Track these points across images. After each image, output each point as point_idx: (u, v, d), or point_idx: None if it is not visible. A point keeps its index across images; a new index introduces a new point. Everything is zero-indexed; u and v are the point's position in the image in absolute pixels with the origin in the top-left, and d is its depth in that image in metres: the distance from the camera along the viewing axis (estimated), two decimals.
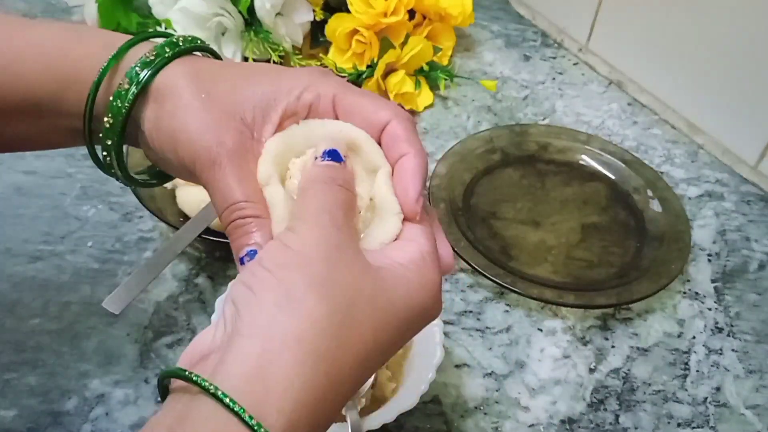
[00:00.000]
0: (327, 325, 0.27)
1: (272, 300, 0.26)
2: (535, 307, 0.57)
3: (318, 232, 0.28)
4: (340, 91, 0.33)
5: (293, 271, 0.27)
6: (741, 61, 0.67)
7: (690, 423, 0.51)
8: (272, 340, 0.26)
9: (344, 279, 0.28)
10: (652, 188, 0.66)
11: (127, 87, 0.32)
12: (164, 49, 0.33)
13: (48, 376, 0.50)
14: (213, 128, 0.31)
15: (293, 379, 0.26)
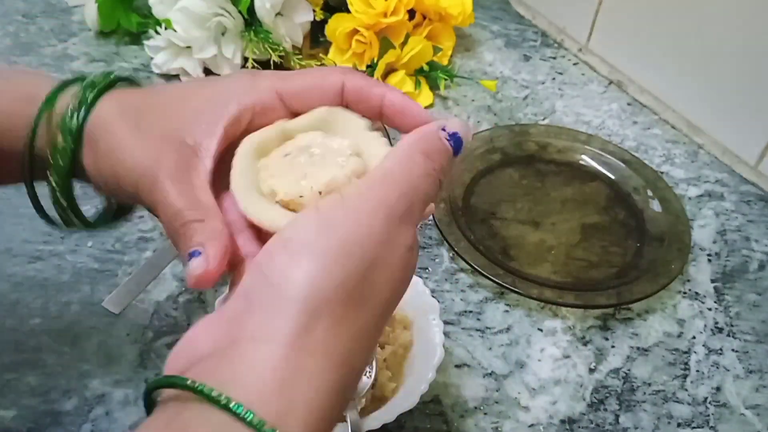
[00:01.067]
0: (350, 326, 0.26)
1: (295, 299, 0.25)
2: (535, 307, 0.57)
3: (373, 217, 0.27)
4: (276, 81, 0.33)
5: (317, 261, 0.25)
6: (741, 61, 0.67)
7: (690, 423, 0.51)
8: (298, 346, 0.24)
9: (374, 277, 0.26)
10: (652, 188, 0.66)
11: (62, 143, 0.32)
12: (85, 93, 0.33)
13: (48, 376, 0.50)
14: (148, 155, 0.31)
15: (318, 388, 0.24)
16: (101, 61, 0.78)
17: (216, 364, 0.25)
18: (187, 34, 0.72)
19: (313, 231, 0.26)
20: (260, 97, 0.32)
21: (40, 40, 0.81)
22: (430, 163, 0.29)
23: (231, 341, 0.25)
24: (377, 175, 0.28)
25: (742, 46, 0.66)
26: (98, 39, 0.82)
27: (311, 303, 0.25)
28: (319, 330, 0.25)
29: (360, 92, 0.32)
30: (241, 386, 0.23)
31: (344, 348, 0.25)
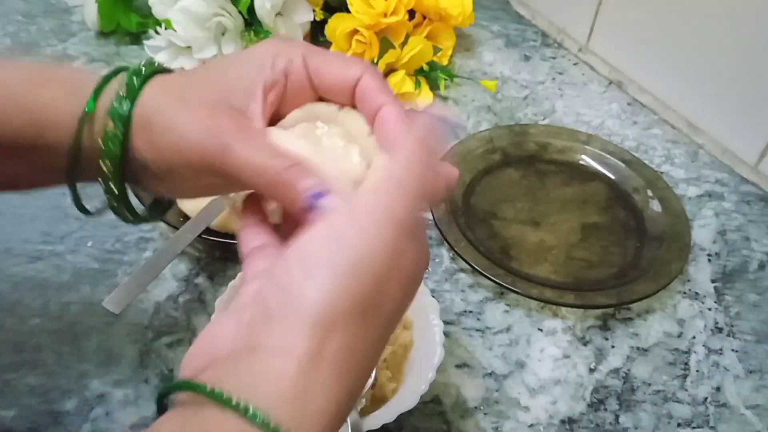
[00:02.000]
0: (362, 338, 0.27)
1: (310, 314, 0.26)
2: (535, 307, 0.57)
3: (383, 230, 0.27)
4: (308, 52, 0.34)
5: (332, 276, 0.26)
6: (741, 61, 0.67)
7: (690, 423, 0.51)
8: (311, 358, 0.25)
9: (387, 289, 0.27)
10: (652, 188, 0.66)
11: (113, 129, 0.32)
12: (132, 80, 0.33)
13: (48, 376, 0.50)
14: (208, 123, 0.32)
15: (330, 397, 0.25)
16: (101, 61, 0.78)
17: (234, 369, 0.26)
18: (187, 34, 0.72)
19: (327, 248, 0.27)
20: (291, 61, 0.33)
21: (40, 40, 0.81)
22: (429, 157, 0.29)
23: (249, 348, 0.26)
24: (379, 181, 0.29)
25: (743, 46, 0.66)
26: (98, 39, 0.82)
27: (326, 318, 0.26)
28: (332, 344, 0.26)
29: (368, 92, 0.32)
30: (258, 394, 0.24)
31: (355, 359, 0.27)
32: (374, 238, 0.27)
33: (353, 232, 0.27)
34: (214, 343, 0.28)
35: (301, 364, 0.25)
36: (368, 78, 0.32)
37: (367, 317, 0.27)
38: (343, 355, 0.26)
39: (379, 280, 0.27)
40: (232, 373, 0.26)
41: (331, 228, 0.27)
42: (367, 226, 0.27)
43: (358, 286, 0.26)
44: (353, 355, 0.26)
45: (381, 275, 0.27)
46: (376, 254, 0.27)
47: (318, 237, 0.27)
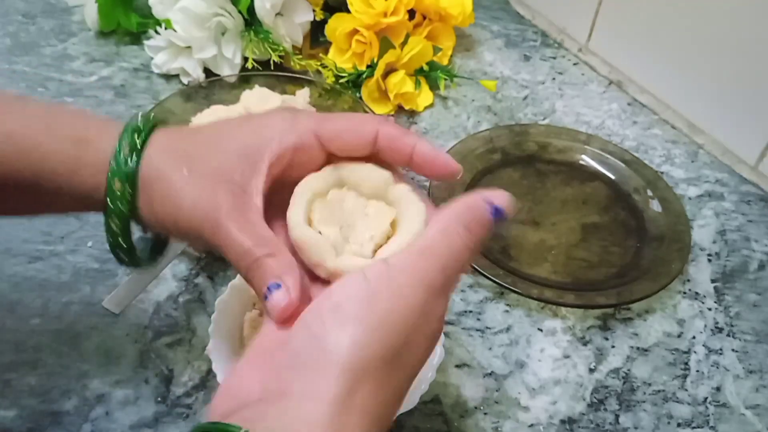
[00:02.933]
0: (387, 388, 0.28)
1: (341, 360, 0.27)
2: (535, 307, 0.57)
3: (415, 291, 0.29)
4: (318, 126, 0.34)
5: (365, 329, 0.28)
6: (741, 60, 0.67)
7: (690, 423, 0.51)
8: (343, 406, 0.26)
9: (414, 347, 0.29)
10: (652, 188, 0.66)
11: (122, 189, 0.34)
12: (133, 138, 0.34)
13: (48, 376, 0.50)
14: (205, 198, 0.33)
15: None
16: (101, 61, 0.78)
17: (265, 413, 0.27)
18: (187, 34, 0.72)
19: (361, 301, 0.28)
20: (300, 137, 0.34)
21: (40, 40, 0.81)
22: (471, 237, 0.31)
23: (280, 393, 0.27)
24: (421, 246, 0.30)
25: (743, 46, 0.66)
26: (98, 39, 0.82)
27: (356, 368, 0.27)
28: (361, 392, 0.27)
29: (392, 141, 0.34)
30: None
31: (382, 406, 0.28)
32: (405, 298, 0.29)
33: (387, 289, 0.29)
34: (241, 388, 0.29)
35: (332, 409, 0.26)
36: (386, 129, 0.34)
37: (393, 368, 0.28)
38: (371, 402, 0.27)
39: (407, 335, 0.28)
40: (264, 416, 0.27)
41: (367, 282, 0.29)
42: (402, 286, 0.29)
43: (387, 339, 0.28)
44: (380, 402, 0.28)
45: (408, 332, 0.29)
46: (407, 314, 0.28)
47: (353, 290, 0.29)
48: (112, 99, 0.74)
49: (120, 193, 0.34)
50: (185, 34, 0.72)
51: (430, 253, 0.30)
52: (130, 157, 0.33)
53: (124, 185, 0.33)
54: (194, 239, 0.34)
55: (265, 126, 0.35)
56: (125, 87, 0.75)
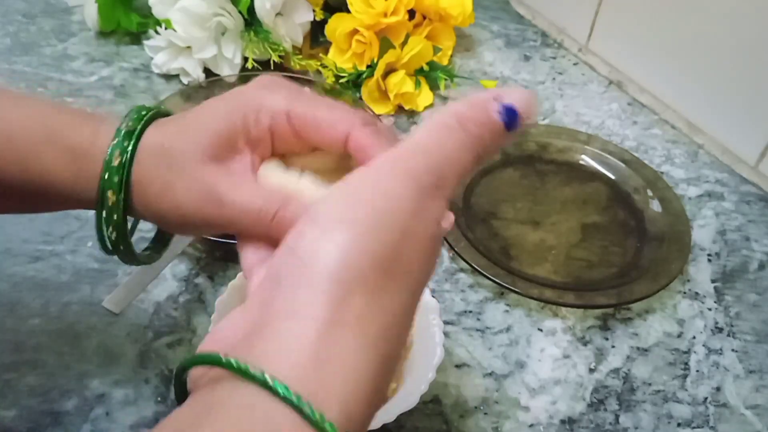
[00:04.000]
0: (385, 300, 0.24)
1: (327, 272, 0.24)
2: (535, 307, 0.57)
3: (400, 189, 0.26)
4: (291, 105, 0.33)
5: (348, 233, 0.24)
6: (741, 61, 0.67)
7: (690, 423, 0.51)
8: (331, 322, 0.23)
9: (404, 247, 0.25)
10: (652, 188, 0.66)
11: (114, 199, 0.34)
12: (124, 145, 0.34)
13: (48, 376, 0.50)
14: (198, 183, 0.33)
15: (356, 365, 0.23)
16: (101, 61, 0.78)
17: (248, 344, 0.24)
18: (187, 34, 0.72)
19: (343, 204, 0.25)
20: (274, 118, 0.33)
21: (40, 40, 0.81)
22: (465, 135, 0.27)
23: (262, 322, 0.24)
24: (406, 145, 0.27)
25: (742, 46, 0.66)
26: (98, 39, 0.82)
27: (344, 275, 0.24)
28: (353, 304, 0.23)
29: (361, 150, 0.31)
30: (274, 362, 0.22)
31: (381, 323, 0.24)
32: (391, 195, 0.25)
33: (371, 189, 0.26)
34: (226, 333, 0.26)
35: (319, 327, 0.23)
36: (359, 136, 0.31)
37: (389, 276, 0.25)
38: (368, 317, 0.24)
39: (401, 236, 0.25)
40: (247, 347, 0.24)
41: (347, 187, 0.26)
42: (387, 183, 0.26)
43: (378, 242, 0.24)
44: (380, 317, 0.24)
45: (401, 232, 0.25)
46: (396, 212, 0.25)
47: (333, 197, 0.26)
48: (112, 99, 0.74)
49: (113, 203, 0.34)
50: (185, 34, 0.72)
51: (415, 150, 0.27)
52: (121, 167, 0.33)
53: (117, 196, 0.34)
54: (202, 227, 0.34)
55: (240, 103, 0.34)
56: (125, 87, 0.75)
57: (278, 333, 0.23)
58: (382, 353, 0.24)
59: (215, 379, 0.23)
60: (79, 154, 0.34)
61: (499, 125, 0.28)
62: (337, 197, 0.26)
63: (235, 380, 0.23)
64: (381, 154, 0.27)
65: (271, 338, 0.23)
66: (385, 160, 0.27)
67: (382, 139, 0.31)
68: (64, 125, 0.35)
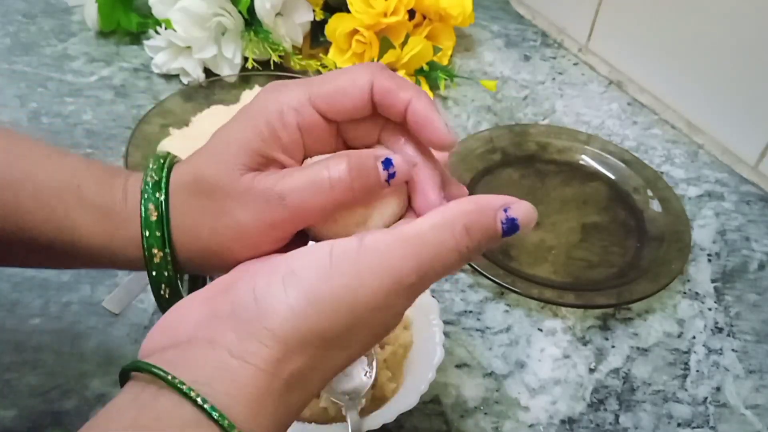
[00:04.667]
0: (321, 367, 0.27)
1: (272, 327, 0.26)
2: (535, 307, 0.57)
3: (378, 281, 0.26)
4: (310, 89, 0.31)
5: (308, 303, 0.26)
6: (741, 61, 0.67)
7: (690, 423, 0.51)
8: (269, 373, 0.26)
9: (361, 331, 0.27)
10: (652, 188, 0.66)
11: (162, 255, 0.32)
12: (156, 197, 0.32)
13: (48, 376, 0.50)
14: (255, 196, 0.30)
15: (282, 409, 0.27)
16: (101, 61, 0.78)
17: (190, 359, 0.26)
18: (187, 34, 0.72)
19: (316, 271, 0.26)
20: (298, 111, 0.31)
21: (40, 40, 0.81)
22: (468, 241, 0.28)
23: (209, 341, 0.26)
24: (404, 233, 0.27)
25: (742, 46, 0.66)
26: (98, 39, 0.82)
27: (290, 339, 0.26)
28: (290, 365, 0.26)
29: (387, 95, 0.30)
30: (214, 390, 0.25)
31: (310, 382, 0.27)
32: (367, 285, 0.26)
33: (349, 268, 0.26)
34: (176, 325, 0.28)
35: (257, 374, 0.25)
36: (381, 79, 0.30)
37: (329, 350, 0.27)
38: (297, 378, 0.26)
39: (355, 320, 0.27)
40: (187, 361, 0.26)
41: (330, 256, 0.27)
42: (366, 269, 0.26)
43: (331, 319, 0.26)
44: (308, 378, 0.27)
45: (358, 317, 0.27)
46: (362, 300, 0.26)
47: (313, 259, 0.27)
48: (112, 99, 0.74)
49: (160, 259, 0.32)
50: (185, 34, 0.72)
51: (410, 244, 0.27)
52: (160, 221, 0.31)
53: (163, 251, 0.32)
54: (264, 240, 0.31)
55: (256, 112, 0.31)
56: (125, 87, 0.75)
57: (220, 367, 0.26)
58: (305, 399, 0.28)
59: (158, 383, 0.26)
60: (112, 214, 0.32)
61: (499, 234, 0.29)
62: (316, 263, 0.27)
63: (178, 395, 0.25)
64: (377, 234, 0.27)
65: (215, 366, 0.26)
66: (377, 244, 0.27)
67: (404, 81, 0.31)
68: (93, 183, 0.33)
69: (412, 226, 0.28)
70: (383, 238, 0.27)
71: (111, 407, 0.26)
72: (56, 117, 0.71)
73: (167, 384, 0.25)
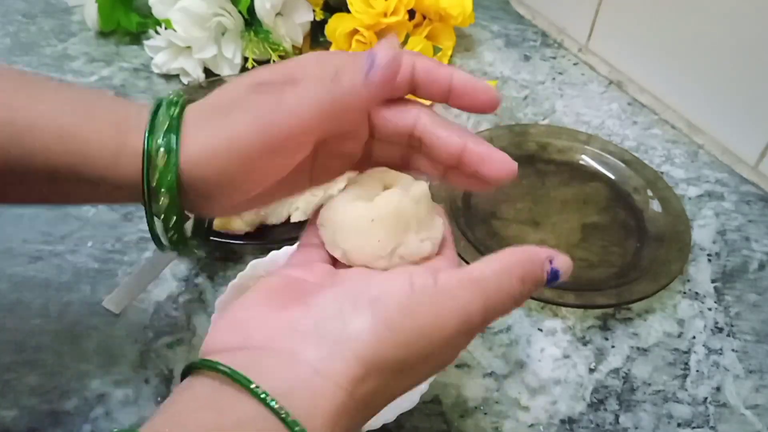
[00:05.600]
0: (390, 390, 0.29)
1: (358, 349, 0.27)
2: (535, 307, 0.57)
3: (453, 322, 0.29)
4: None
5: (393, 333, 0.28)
6: (741, 61, 0.67)
7: (690, 423, 0.51)
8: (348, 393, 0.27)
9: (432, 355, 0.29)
10: (652, 188, 0.66)
11: (165, 162, 0.31)
12: (170, 110, 0.32)
13: (48, 376, 0.50)
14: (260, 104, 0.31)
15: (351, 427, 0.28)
16: (101, 61, 0.78)
17: (271, 367, 0.27)
18: (187, 34, 0.72)
19: (400, 305, 0.28)
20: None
21: (40, 40, 0.81)
22: (522, 289, 0.30)
23: (291, 353, 0.27)
24: (474, 276, 0.30)
25: (742, 46, 0.66)
26: (98, 39, 0.82)
27: (370, 363, 0.27)
28: (365, 386, 0.27)
29: (429, 73, 0.32)
30: (294, 405, 0.26)
31: (379, 403, 0.29)
32: (442, 324, 0.28)
33: (429, 307, 0.28)
34: (247, 326, 0.29)
35: (337, 392, 0.27)
36: (421, 61, 0.32)
37: (399, 376, 0.29)
38: (369, 398, 0.28)
39: (425, 355, 0.29)
40: (268, 369, 0.27)
41: (412, 290, 0.29)
42: (443, 309, 0.29)
43: (408, 351, 0.28)
44: (375, 400, 0.29)
45: (428, 353, 0.29)
46: (435, 337, 0.28)
47: (396, 291, 0.29)
48: None
49: (164, 164, 0.31)
50: (185, 34, 0.72)
51: (479, 287, 0.29)
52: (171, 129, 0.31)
53: (168, 155, 0.31)
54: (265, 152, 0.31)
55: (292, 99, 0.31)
56: (125, 87, 0.75)
57: (304, 381, 0.27)
58: (365, 419, 0.29)
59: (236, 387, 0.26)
60: (123, 127, 0.32)
61: (543, 283, 0.31)
62: (399, 295, 0.28)
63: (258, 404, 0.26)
64: (448, 273, 0.30)
65: (297, 381, 0.27)
66: (450, 284, 0.29)
67: (438, 62, 0.33)
68: (104, 104, 0.33)
69: (477, 270, 0.30)
70: (455, 280, 0.29)
71: (185, 402, 0.27)
72: None
73: (250, 393, 0.26)
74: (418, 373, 0.30)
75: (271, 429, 0.25)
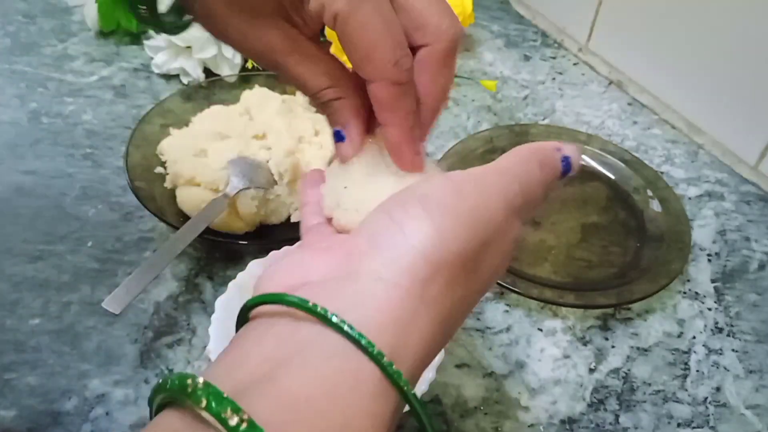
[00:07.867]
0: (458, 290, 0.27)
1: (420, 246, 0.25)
2: (535, 307, 0.57)
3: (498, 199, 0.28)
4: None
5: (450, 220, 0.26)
6: (741, 61, 0.67)
7: (690, 423, 0.51)
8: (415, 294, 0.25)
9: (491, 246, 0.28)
10: (652, 188, 0.66)
11: None
12: None
13: (48, 376, 0.50)
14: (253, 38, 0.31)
15: (424, 336, 0.25)
16: (101, 61, 0.78)
17: (333, 290, 0.25)
18: (187, 33, 0.72)
19: (448, 193, 0.27)
20: None
21: (40, 40, 0.81)
22: (543, 174, 0.30)
23: (349, 273, 0.26)
24: (499, 166, 0.29)
25: (742, 46, 0.66)
26: (98, 39, 0.82)
27: (434, 259, 0.25)
28: (435, 284, 0.25)
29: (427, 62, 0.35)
30: (359, 318, 0.24)
31: (450, 307, 0.27)
32: (488, 203, 0.27)
33: (474, 189, 0.27)
34: (304, 267, 0.27)
35: (404, 294, 0.25)
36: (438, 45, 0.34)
37: (468, 271, 0.27)
38: (442, 300, 0.26)
39: (486, 243, 0.27)
40: (331, 293, 0.25)
41: (451, 181, 0.28)
42: (487, 191, 0.28)
43: (470, 238, 0.26)
44: (449, 303, 0.26)
45: (488, 240, 0.27)
46: (489, 220, 0.27)
47: (437, 183, 0.28)
48: (112, 99, 0.74)
49: None
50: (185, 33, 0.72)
51: (509, 173, 0.29)
52: None
53: None
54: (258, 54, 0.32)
55: None
56: (125, 87, 0.75)
57: (366, 291, 0.25)
58: (444, 332, 0.27)
59: (293, 316, 0.24)
60: None
61: (560, 172, 0.31)
62: (443, 185, 0.27)
63: (319, 324, 0.24)
64: (475, 169, 0.29)
65: (362, 293, 0.25)
66: (482, 174, 0.28)
67: None
68: None
69: (502, 162, 0.30)
70: (483, 171, 0.29)
71: (241, 340, 0.25)
72: (56, 117, 0.71)
73: (309, 312, 0.24)
74: (482, 266, 0.28)
75: (337, 348, 0.23)
